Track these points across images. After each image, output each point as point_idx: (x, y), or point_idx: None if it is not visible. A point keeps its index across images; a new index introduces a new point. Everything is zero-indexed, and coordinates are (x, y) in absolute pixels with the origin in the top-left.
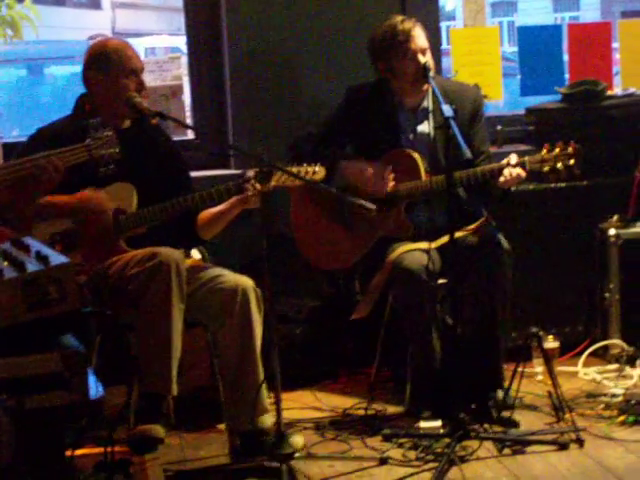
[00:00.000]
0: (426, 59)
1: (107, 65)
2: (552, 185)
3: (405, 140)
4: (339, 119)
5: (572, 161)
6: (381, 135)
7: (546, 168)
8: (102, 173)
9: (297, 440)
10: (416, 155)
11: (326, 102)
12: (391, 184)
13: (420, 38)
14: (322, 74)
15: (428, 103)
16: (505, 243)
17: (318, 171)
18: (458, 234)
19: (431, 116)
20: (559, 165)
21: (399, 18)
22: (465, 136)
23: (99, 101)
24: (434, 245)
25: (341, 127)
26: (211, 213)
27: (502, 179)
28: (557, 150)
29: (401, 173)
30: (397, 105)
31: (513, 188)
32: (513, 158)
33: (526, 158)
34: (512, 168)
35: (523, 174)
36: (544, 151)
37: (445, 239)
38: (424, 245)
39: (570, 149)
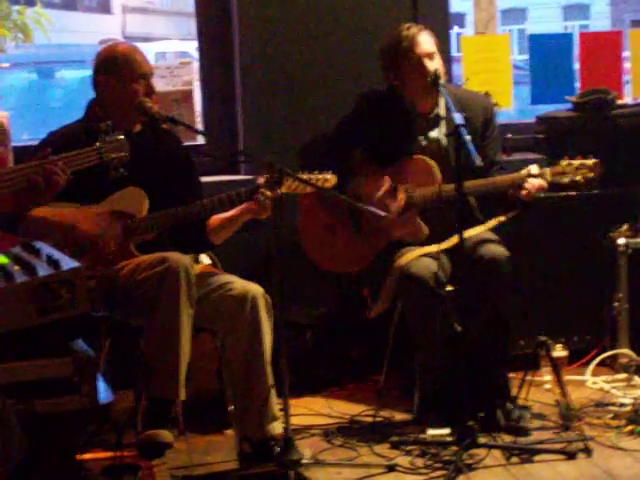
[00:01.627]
0: (435, 65)
1: (116, 70)
2: (562, 194)
3: (417, 146)
4: (351, 124)
5: (592, 174)
6: (393, 140)
7: (565, 180)
8: (113, 176)
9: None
10: (432, 162)
11: (338, 108)
12: (402, 199)
13: (426, 43)
14: (334, 79)
15: (440, 110)
16: (503, 253)
17: (329, 179)
18: (467, 233)
19: (443, 123)
20: (578, 177)
21: (405, 25)
22: (477, 145)
23: (109, 105)
24: (443, 246)
25: (353, 132)
26: (221, 218)
27: (524, 192)
28: (577, 163)
29: (417, 179)
30: (410, 111)
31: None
32: (534, 169)
33: (547, 169)
34: (534, 179)
35: (545, 185)
36: (564, 163)
37: (454, 240)
38: (432, 249)
39: (590, 163)
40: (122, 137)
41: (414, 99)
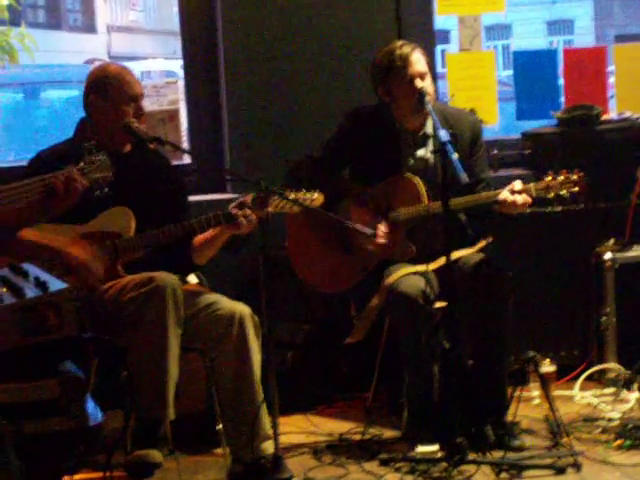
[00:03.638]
0: (424, 84)
1: (106, 91)
2: (548, 209)
3: (405, 164)
4: (339, 142)
5: (577, 188)
6: (381, 159)
7: (551, 195)
8: (97, 196)
9: None
10: (417, 180)
11: (324, 126)
12: (381, 242)
13: (419, 63)
14: (319, 98)
15: (428, 128)
16: (503, 270)
17: (316, 198)
18: (456, 254)
19: (430, 141)
20: (564, 192)
21: (399, 43)
22: (465, 163)
23: (99, 125)
24: (431, 267)
25: (341, 150)
26: (203, 238)
27: (507, 205)
28: (562, 177)
29: (402, 198)
30: (398, 129)
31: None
32: (517, 184)
33: (531, 185)
34: (518, 194)
35: (529, 200)
36: (549, 178)
37: (442, 261)
38: (421, 268)
39: (575, 177)
40: (105, 157)
41: (403, 117)
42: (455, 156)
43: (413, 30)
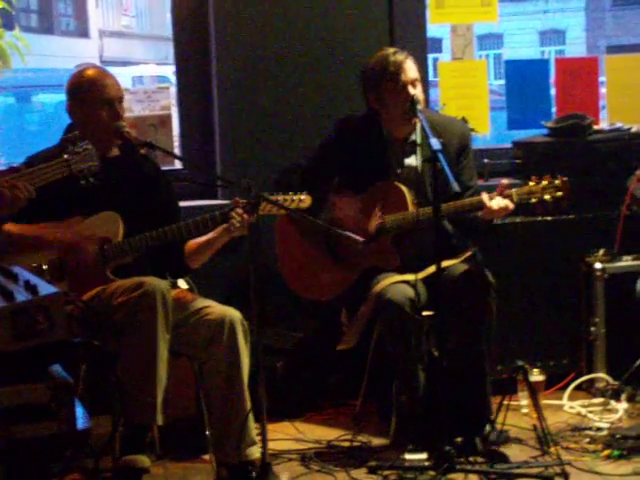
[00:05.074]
0: (416, 92)
1: (82, 96)
2: (538, 218)
3: (393, 173)
4: (328, 150)
5: (560, 193)
6: (369, 167)
7: (533, 200)
8: (83, 186)
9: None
10: (403, 187)
11: (315, 133)
12: (377, 222)
13: (411, 70)
14: (311, 105)
15: (416, 136)
16: (490, 277)
17: (304, 199)
18: (444, 264)
19: (419, 149)
20: (547, 197)
21: (391, 50)
22: (453, 170)
23: (81, 130)
24: (419, 276)
25: (330, 158)
26: (198, 242)
27: (488, 210)
28: (545, 182)
29: (388, 205)
30: (386, 137)
31: (500, 220)
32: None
33: (513, 190)
34: (500, 199)
35: (511, 205)
36: (532, 183)
37: (431, 270)
38: (409, 277)
39: (558, 182)
40: (89, 146)
41: (391, 125)
42: (446, 164)
43: (406, 38)
